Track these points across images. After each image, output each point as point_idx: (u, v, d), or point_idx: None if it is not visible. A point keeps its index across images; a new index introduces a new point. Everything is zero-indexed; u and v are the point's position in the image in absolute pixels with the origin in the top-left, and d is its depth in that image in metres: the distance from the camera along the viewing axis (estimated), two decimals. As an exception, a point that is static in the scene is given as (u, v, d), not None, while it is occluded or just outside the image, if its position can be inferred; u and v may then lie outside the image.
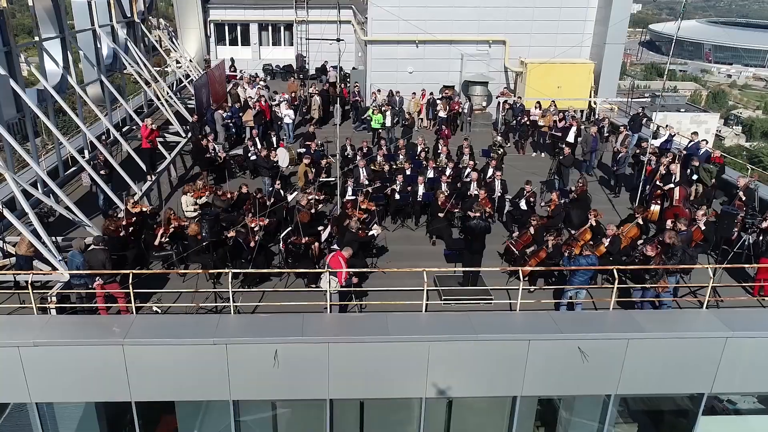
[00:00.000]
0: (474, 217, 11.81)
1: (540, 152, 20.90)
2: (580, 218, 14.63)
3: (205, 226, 10.29)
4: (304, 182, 15.29)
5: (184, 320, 10.02)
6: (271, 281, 12.03)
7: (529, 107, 21.99)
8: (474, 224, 11.73)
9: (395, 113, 21.74)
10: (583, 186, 14.81)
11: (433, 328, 9.90)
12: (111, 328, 9.64)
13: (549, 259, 11.90)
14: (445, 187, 15.25)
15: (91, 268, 10.14)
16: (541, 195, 17.18)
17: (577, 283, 10.49)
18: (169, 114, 19.73)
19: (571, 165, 16.30)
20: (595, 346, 9.76)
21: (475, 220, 11.71)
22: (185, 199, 14.18)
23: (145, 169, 15.92)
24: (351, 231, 11.95)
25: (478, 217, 11.78)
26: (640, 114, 20.35)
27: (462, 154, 17.60)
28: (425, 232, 14.62)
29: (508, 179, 15.97)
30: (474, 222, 11.69)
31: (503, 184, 15.38)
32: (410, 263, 12.98)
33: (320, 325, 9.95)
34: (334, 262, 10.18)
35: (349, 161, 17.79)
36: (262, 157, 16.10)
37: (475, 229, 11.61)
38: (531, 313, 10.34)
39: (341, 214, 13.70)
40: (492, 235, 14.16)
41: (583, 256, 10.43)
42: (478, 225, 11.74)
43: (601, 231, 12.97)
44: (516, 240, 12.84)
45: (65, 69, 15.93)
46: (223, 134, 20.72)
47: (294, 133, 22.22)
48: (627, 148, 17.05)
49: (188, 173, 18.80)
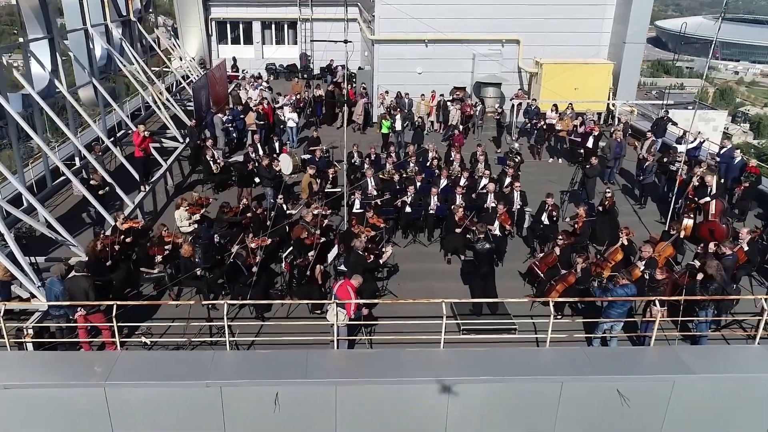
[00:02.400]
0: (477, 239, 10.78)
1: (557, 158, 19.76)
2: (607, 234, 13.54)
3: (199, 252, 9.23)
4: (309, 194, 14.20)
5: (175, 357, 8.96)
6: (271, 310, 10.96)
7: (545, 110, 20.87)
8: (480, 248, 10.68)
9: (404, 117, 20.62)
10: (611, 198, 13.69)
11: (453, 368, 8.81)
12: (93, 367, 8.59)
13: (578, 284, 10.80)
14: (459, 200, 14.15)
15: (71, 298, 9.09)
16: (561, 205, 16.07)
17: (615, 316, 9.37)
18: (166, 118, 18.65)
19: (597, 176, 15.16)
20: (637, 388, 8.65)
21: (479, 243, 10.65)
22: (179, 213, 13.12)
23: (138, 179, 14.86)
24: (357, 253, 10.87)
25: (483, 239, 10.76)
26: (664, 118, 19.17)
27: (476, 162, 16.48)
28: (439, 248, 13.53)
29: (524, 186, 14.90)
30: (479, 246, 10.65)
31: (522, 195, 14.26)
32: (423, 284, 12.00)
33: (326, 363, 8.88)
34: (342, 292, 9.10)
35: (356, 169, 16.71)
36: (263, 167, 15.00)
37: (480, 253, 10.58)
38: (562, 350, 9.24)
39: (348, 231, 12.62)
40: (512, 252, 13.14)
41: (620, 285, 9.30)
42: (483, 248, 10.71)
43: (633, 251, 11.87)
44: (540, 261, 11.72)
45: (53, 72, 14.85)
46: (222, 139, 19.66)
47: (298, 137, 21.14)
48: (654, 155, 15.90)
49: (185, 181, 17.76)
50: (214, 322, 9.90)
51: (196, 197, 13.71)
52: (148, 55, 23.33)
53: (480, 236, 10.62)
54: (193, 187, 17.11)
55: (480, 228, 10.72)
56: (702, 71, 76.94)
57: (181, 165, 18.61)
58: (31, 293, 9.72)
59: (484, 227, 10.82)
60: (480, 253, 10.58)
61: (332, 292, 9.30)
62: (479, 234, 10.69)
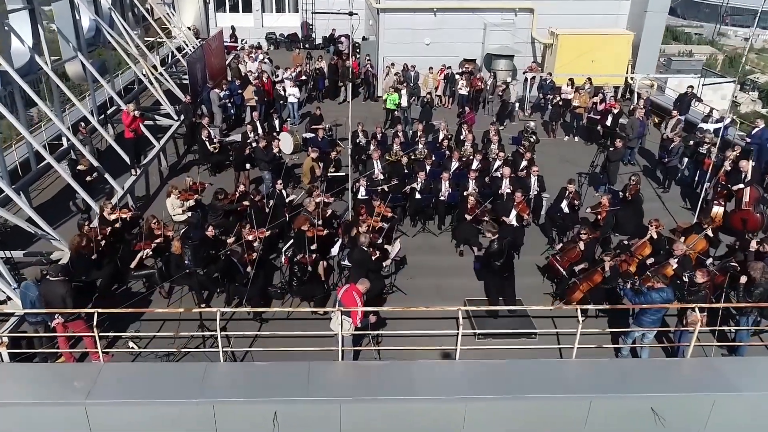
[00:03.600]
0: (491, 242, 9.87)
1: (572, 136, 18.66)
2: (631, 224, 12.60)
3: (188, 253, 8.33)
4: (311, 179, 13.23)
5: (163, 370, 8.13)
6: (271, 310, 10.11)
7: (560, 84, 19.71)
8: (494, 251, 9.76)
9: (411, 91, 19.49)
10: (636, 185, 12.69)
11: (470, 383, 7.98)
12: (72, 383, 7.78)
13: (604, 283, 9.90)
14: (473, 185, 13.17)
15: (47, 304, 8.23)
16: (578, 186, 15.08)
17: (648, 324, 8.48)
18: (159, 94, 17.58)
19: (620, 160, 14.12)
20: (673, 406, 7.82)
21: (494, 245, 9.73)
22: (170, 201, 12.19)
23: (129, 162, 13.91)
24: (362, 249, 9.96)
25: (496, 240, 9.83)
26: (688, 93, 17.99)
27: (489, 142, 15.44)
28: (450, 238, 12.60)
29: (538, 167, 13.96)
30: (494, 248, 9.72)
31: (540, 180, 13.26)
32: (434, 281, 11.15)
33: (330, 377, 8.04)
34: (347, 298, 8.21)
35: (361, 150, 15.71)
36: (260, 148, 14.00)
37: (494, 255, 9.68)
38: (589, 363, 8.36)
39: (353, 221, 11.70)
40: (528, 243, 12.22)
41: (655, 289, 8.39)
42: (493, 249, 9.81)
43: (662, 245, 10.93)
44: (561, 256, 10.80)
45: (35, 47, 13.77)
46: (219, 116, 18.60)
47: (300, 112, 20.03)
48: (681, 136, 14.81)
49: (181, 161, 16.78)
50: (207, 330, 9.04)
51: (189, 183, 12.75)
52: (140, 26, 22.13)
53: (491, 236, 9.66)
54: (189, 169, 16.17)
55: (490, 228, 9.73)
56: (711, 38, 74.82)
57: (176, 144, 17.60)
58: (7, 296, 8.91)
59: (494, 227, 9.82)
60: (493, 254, 9.66)
61: (337, 297, 8.40)
62: (489, 231, 9.72)
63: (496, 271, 9.89)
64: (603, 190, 14.42)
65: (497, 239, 9.67)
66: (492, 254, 9.70)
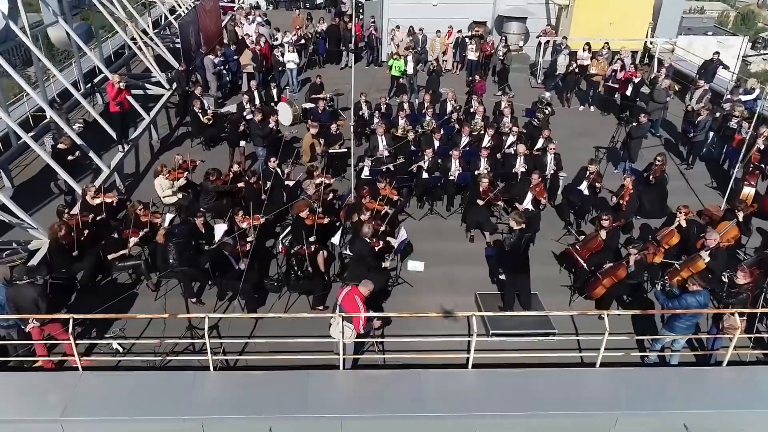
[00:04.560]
0: (512, 231, 9.00)
1: (588, 106, 17.56)
2: (656, 207, 11.72)
3: (172, 251, 7.51)
4: (310, 157, 12.29)
5: (147, 381, 7.39)
6: (265, 303, 9.37)
7: (575, 49, 18.51)
8: (513, 242, 8.92)
9: (417, 58, 18.33)
10: (662, 165, 11.75)
11: (483, 396, 7.25)
12: (47, 396, 7.08)
13: (629, 278, 9.08)
14: (484, 164, 12.24)
15: (18, 309, 7.46)
16: (596, 162, 14.12)
17: (681, 330, 7.67)
18: (149, 60, 16.49)
19: (642, 136, 13.10)
20: (708, 423, 7.10)
21: (514, 236, 8.87)
22: (159, 182, 11.32)
23: (115, 138, 12.99)
24: (363, 240, 9.14)
25: (513, 234, 8.97)
26: (714, 60, 16.81)
27: (501, 115, 14.42)
28: (460, 221, 11.74)
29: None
30: (513, 240, 8.87)
31: (557, 159, 12.30)
32: (443, 270, 10.37)
33: (331, 389, 7.31)
34: (348, 303, 7.42)
35: (364, 123, 14.73)
36: (255, 122, 13.02)
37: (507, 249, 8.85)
38: (614, 372, 7.57)
39: (355, 204, 10.83)
40: (544, 227, 11.31)
41: (690, 292, 7.56)
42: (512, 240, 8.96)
43: (691, 235, 10.07)
44: (581, 245, 9.94)
45: (10, 11, 12.68)
46: (215, 84, 17.53)
47: (299, 78, 18.92)
48: (708, 108, 13.75)
49: (173, 134, 15.82)
50: (196, 333, 8.30)
51: (179, 160, 11.84)
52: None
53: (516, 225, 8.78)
54: (182, 142, 15.23)
55: (517, 218, 8.84)
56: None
57: (169, 114, 16.63)
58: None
59: (521, 216, 8.91)
60: (507, 249, 8.82)
61: (337, 301, 7.59)
62: (515, 220, 8.84)
63: (511, 264, 9.05)
64: (623, 168, 13.48)
65: (520, 231, 8.80)
66: (510, 246, 8.83)
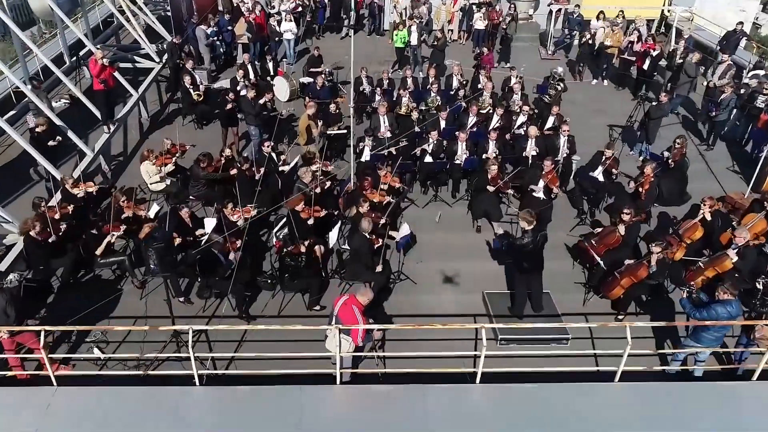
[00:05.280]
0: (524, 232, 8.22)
1: (602, 79, 16.64)
2: (674, 193, 11.00)
3: (153, 257, 6.85)
4: (307, 140, 11.51)
5: (127, 397, 6.78)
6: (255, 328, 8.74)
7: (589, 18, 17.52)
8: (525, 244, 8.16)
9: (422, 27, 17.33)
10: (682, 148, 10.98)
11: (493, 416, 6.65)
12: (16, 415, 6.50)
13: (649, 278, 8.41)
14: (493, 147, 11.47)
15: (-14, 317, 6.86)
16: (613, 145, 13.32)
17: (708, 342, 7.02)
18: (137, 31, 15.54)
19: (662, 117, 12.26)
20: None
21: (527, 237, 8.12)
22: (145, 167, 10.60)
23: (100, 118, 12.20)
24: (362, 236, 8.46)
25: (530, 232, 8.16)
26: (737, 31, 15.80)
27: (510, 92, 13.56)
28: (466, 209, 11.02)
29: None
30: (526, 242, 8.12)
31: (571, 141, 11.51)
32: (448, 264, 9.79)
33: (326, 408, 6.71)
34: (345, 313, 6.77)
35: (365, 100, 13.90)
36: (247, 99, 12.20)
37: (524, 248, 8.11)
38: (635, 388, 6.93)
39: (355, 192, 10.13)
40: (555, 215, 10.59)
41: (720, 302, 6.89)
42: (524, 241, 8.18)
43: (715, 229, 9.35)
44: (597, 240, 9.24)
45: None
46: (207, 56, 16.62)
47: (296, 49, 17.96)
48: (732, 85, 12.86)
49: (164, 111, 15.01)
50: (180, 341, 7.70)
51: (167, 144, 11.10)
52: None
53: (526, 226, 8.04)
54: (173, 120, 14.44)
55: (527, 216, 8.07)
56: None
57: (160, 89, 15.81)
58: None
59: (531, 215, 8.12)
60: (524, 246, 8.08)
61: (333, 311, 6.94)
62: (524, 220, 8.08)
63: (523, 264, 8.37)
64: (639, 150, 12.70)
65: (532, 231, 8.06)
66: (521, 247, 8.11)
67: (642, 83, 15.04)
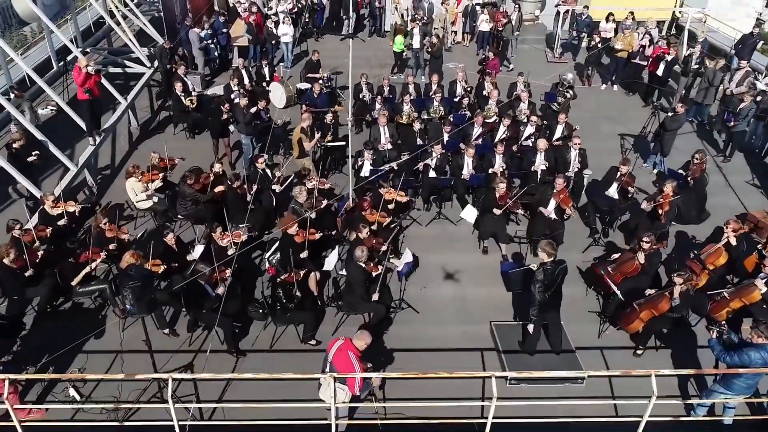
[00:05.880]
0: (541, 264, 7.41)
1: (611, 84, 15.95)
2: (692, 210, 10.37)
3: (129, 297, 6.20)
4: (299, 153, 10.82)
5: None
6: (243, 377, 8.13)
7: (598, 19, 16.82)
8: (544, 278, 7.36)
9: (424, 30, 16.65)
10: (701, 163, 10.32)
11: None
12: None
13: (671, 311, 7.76)
14: (500, 161, 10.83)
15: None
16: (623, 152, 12.69)
17: (740, 389, 6.39)
18: (128, 35, 14.87)
19: (678, 128, 11.57)
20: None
21: (545, 270, 7.37)
22: (131, 184, 9.96)
23: (85, 130, 11.55)
24: (358, 265, 7.83)
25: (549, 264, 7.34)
26: (754, 35, 15.09)
27: (517, 100, 12.89)
28: (472, 228, 10.36)
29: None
30: (544, 276, 7.36)
31: (582, 155, 10.85)
32: (453, 290, 9.15)
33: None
34: (341, 361, 6.13)
35: (364, 109, 13.26)
36: (239, 108, 11.55)
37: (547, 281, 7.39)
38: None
39: (354, 216, 9.45)
40: (566, 235, 9.94)
41: (754, 345, 6.25)
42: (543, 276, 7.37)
43: (740, 253, 8.71)
44: (613, 267, 8.59)
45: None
46: (201, 60, 15.96)
47: (293, 52, 17.27)
48: (753, 95, 12.17)
49: (155, 118, 14.35)
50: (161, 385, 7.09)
51: (155, 159, 10.46)
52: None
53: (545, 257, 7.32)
54: (164, 127, 13.79)
55: (548, 249, 7.32)
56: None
57: (152, 94, 15.16)
58: None
59: (552, 248, 7.39)
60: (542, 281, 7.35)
61: (327, 358, 6.31)
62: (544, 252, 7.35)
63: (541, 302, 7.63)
64: (653, 162, 12.06)
65: (550, 263, 7.38)
66: (540, 282, 7.38)
67: (654, 90, 14.36)
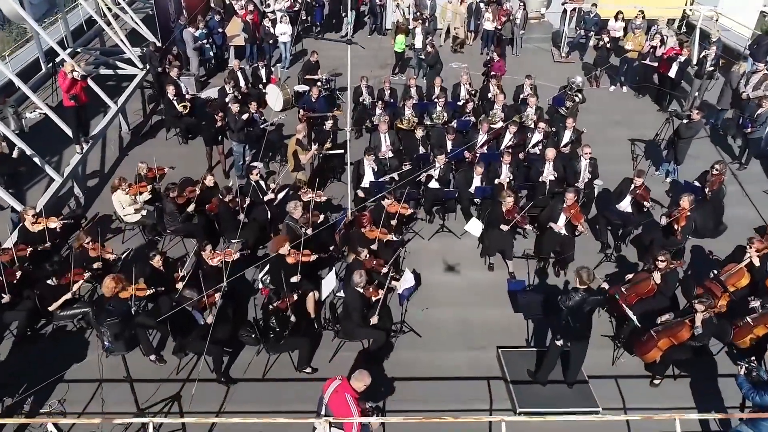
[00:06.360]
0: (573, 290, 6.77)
1: (621, 86, 15.36)
2: (709, 224, 9.84)
3: (107, 333, 5.72)
4: (294, 166, 10.26)
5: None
6: (243, 362, 7.64)
7: (606, 17, 16.24)
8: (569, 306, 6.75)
9: (426, 29, 16.07)
10: (720, 175, 9.77)
11: None
12: None
13: (692, 340, 7.25)
14: (507, 172, 10.29)
15: None
16: (633, 160, 12.15)
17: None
18: (119, 35, 14.30)
19: (694, 136, 11.01)
20: None
21: (575, 297, 6.73)
22: (118, 197, 9.44)
23: (72, 137, 11.03)
24: (355, 290, 7.33)
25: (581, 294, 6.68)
26: (769, 35, 14.51)
27: (525, 105, 12.34)
28: (477, 242, 9.84)
29: (580, 128, 11.41)
30: (569, 304, 6.76)
31: (593, 165, 10.31)
32: (456, 311, 8.60)
33: None
34: (337, 405, 5.62)
35: (364, 113, 12.71)
36: (232, 113, 11.00)
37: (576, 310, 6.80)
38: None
39: (353, 234, 8.92)
40: (576, 249, 9.42)
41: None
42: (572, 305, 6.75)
43: (764, 274, 8.19)
44: (627, 288, 8.08)
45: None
46: (196, 61, 15.39)
47: (291, 53, 16.69)
48: (769, 98, 11.62)
49: (147, 122, 13.81)
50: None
51: (143, 169, 9.95)
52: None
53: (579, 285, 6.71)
54: (156, 133, 13.26)
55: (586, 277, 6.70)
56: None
57: (145, 97, 14.62)
58: None
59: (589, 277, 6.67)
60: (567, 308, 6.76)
61: (323, 399, 5.80)
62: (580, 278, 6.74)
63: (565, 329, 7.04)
64: (665, 170, 11.53)
65: (584, 291, 6.73)
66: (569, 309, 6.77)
67: (666, 93, 13.81)
